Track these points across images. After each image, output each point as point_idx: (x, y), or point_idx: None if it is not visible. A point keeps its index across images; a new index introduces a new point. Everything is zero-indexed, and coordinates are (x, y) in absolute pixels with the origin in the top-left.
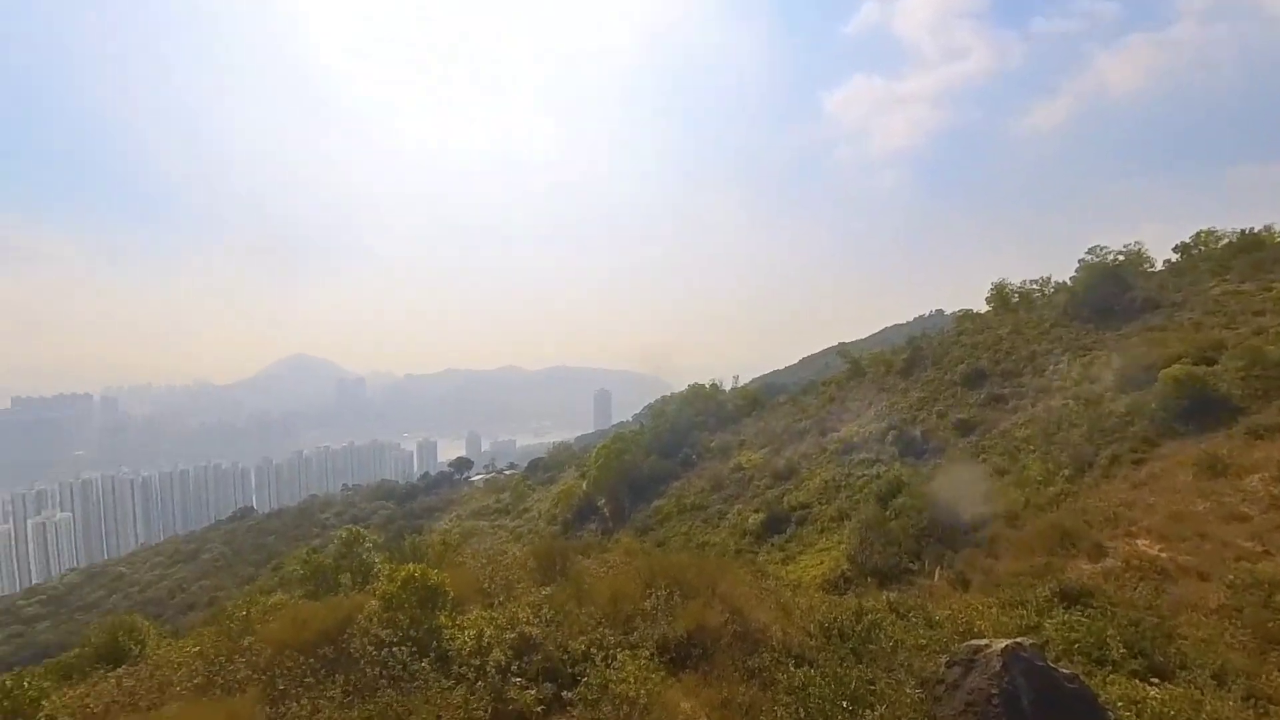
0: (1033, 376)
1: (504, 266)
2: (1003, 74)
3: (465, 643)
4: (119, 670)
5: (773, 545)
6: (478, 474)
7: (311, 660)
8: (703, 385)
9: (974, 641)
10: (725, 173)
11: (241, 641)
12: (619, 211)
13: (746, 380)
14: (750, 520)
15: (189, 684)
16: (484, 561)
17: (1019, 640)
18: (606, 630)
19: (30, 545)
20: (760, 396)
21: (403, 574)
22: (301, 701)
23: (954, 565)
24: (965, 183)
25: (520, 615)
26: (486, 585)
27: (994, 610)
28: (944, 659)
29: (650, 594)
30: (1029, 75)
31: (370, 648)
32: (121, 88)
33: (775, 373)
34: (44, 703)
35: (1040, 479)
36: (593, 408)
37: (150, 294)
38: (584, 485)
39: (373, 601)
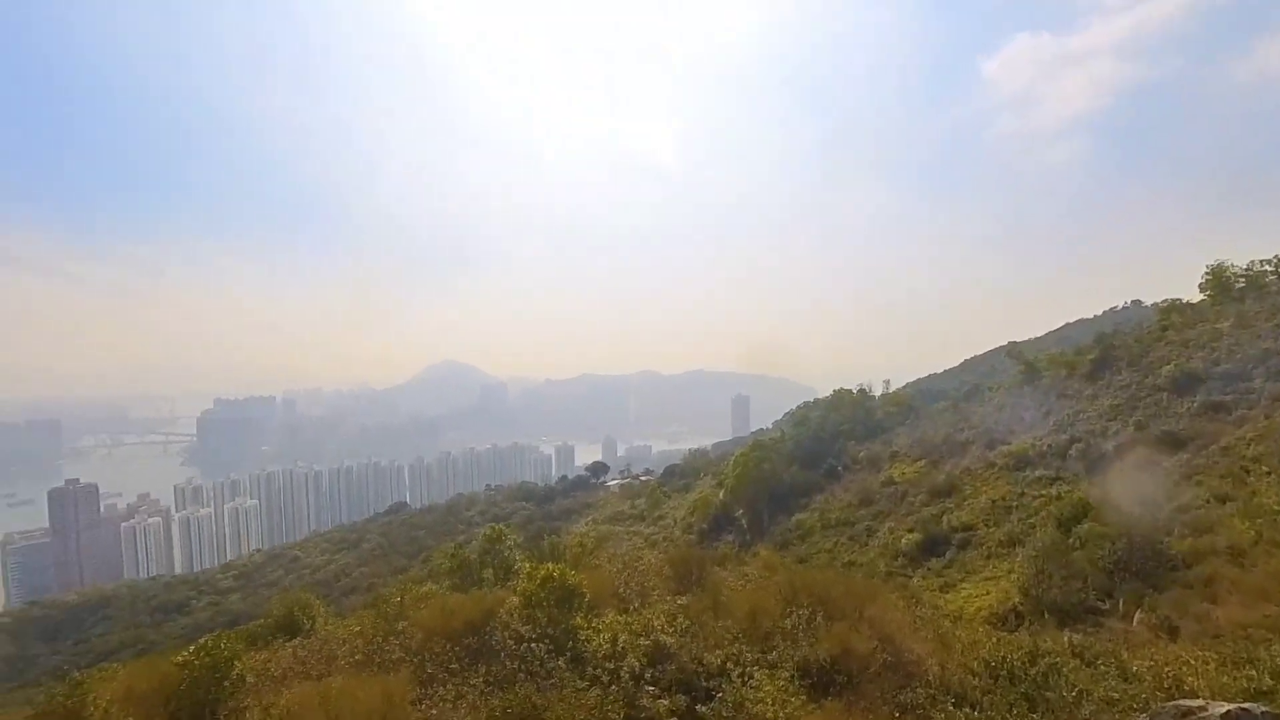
0: (1265, 380)
1: (640, 270)
2: (1209, 8)
3: (600, 645)
4: (294, 641)
5: (929, 570)
6: (613, 479)
7: (456, 649)
8: (849, 391)
9: (1183, 702)
10: (865, 159)
11: (396, 625)
12: (752, 210)
13: (899, 385)
14: (904, 540)
15: (351, 659)
16: (619, 566)
17: (1245, 706)
18: (744, 646)
19: (226, 527)
20: (915, 403)
21: (542, 573)
22: (447, 686)
23: (1157, 608)
24: (1164, 149)
25: (655, 623)
26: (622, 590)
27: (1211, 667)
28: (1142, 718)
29: (791, 612)
30: (1245, 5)
31: (510, 642)
32: (283, 107)
33: (932, 377)
34: (236, 663)
35: (1276, 508)
36: (730, 413)
37: (319, 304)
38: (721, 494)
39: (513, 598)
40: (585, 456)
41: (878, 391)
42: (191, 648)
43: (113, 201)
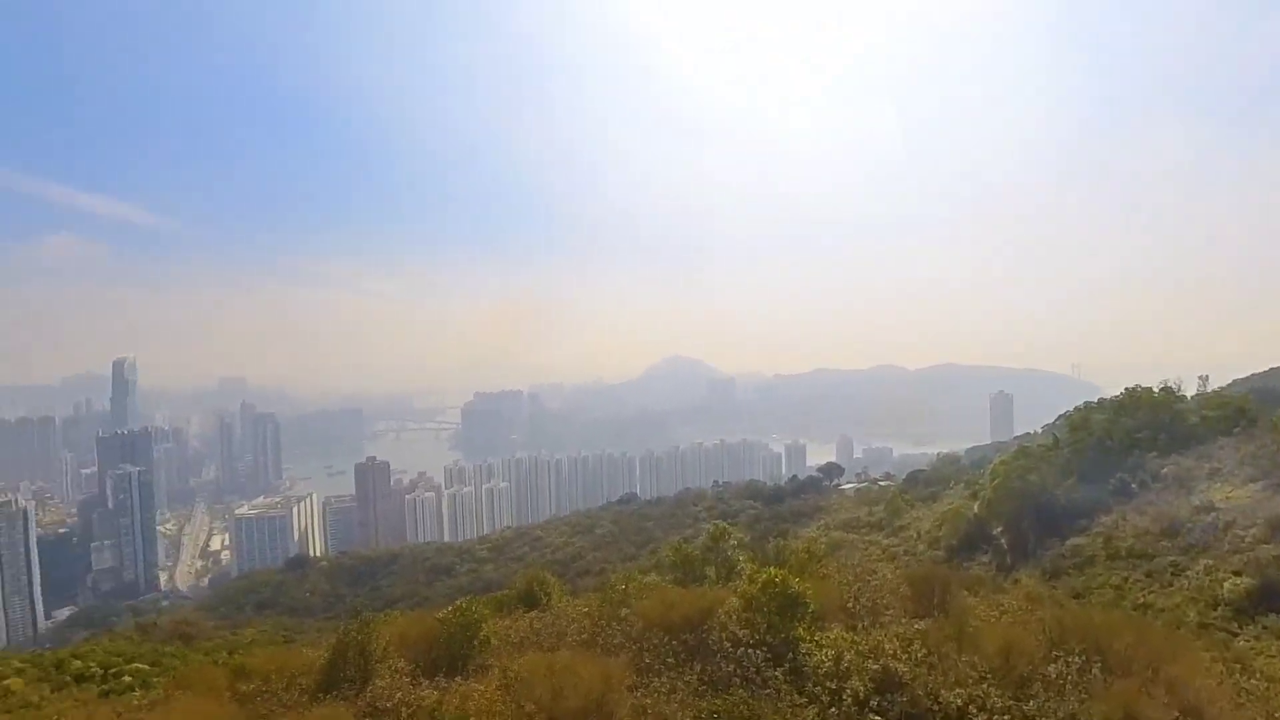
0: None
1: (875, 258)
2: None
3: (822, 661)
4: (532, 613)
5: (1265, 628)
6: (848, 482)
7: (674, 642)
8: (1148, 390)
9: None
10: (1163, 92)
11: (619, 611)
12: (1017, 177)
13: (1222, 383)
14: (1227, 586)
15: (578, 637)
16: (851, 578)
17: None
18: (992, 689)
19: (483, 504)
20: (1248, 407)
21: (764, 577)
22: (663, 678)
23: None
24: None
25: (886, 646)
26: (851, 605)
27: None
28: None
29: (1058, 657)
30: None
31: (727, 644)
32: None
33: (1272, 372)
34: (483, 626)
35: None
36: (989, 414)
37: (557, 303)
38: (975, 508)
39: (733, 599)
40: (817, 456)
41: (1190, 390)
42: (450, 608)
43: (396, 226)
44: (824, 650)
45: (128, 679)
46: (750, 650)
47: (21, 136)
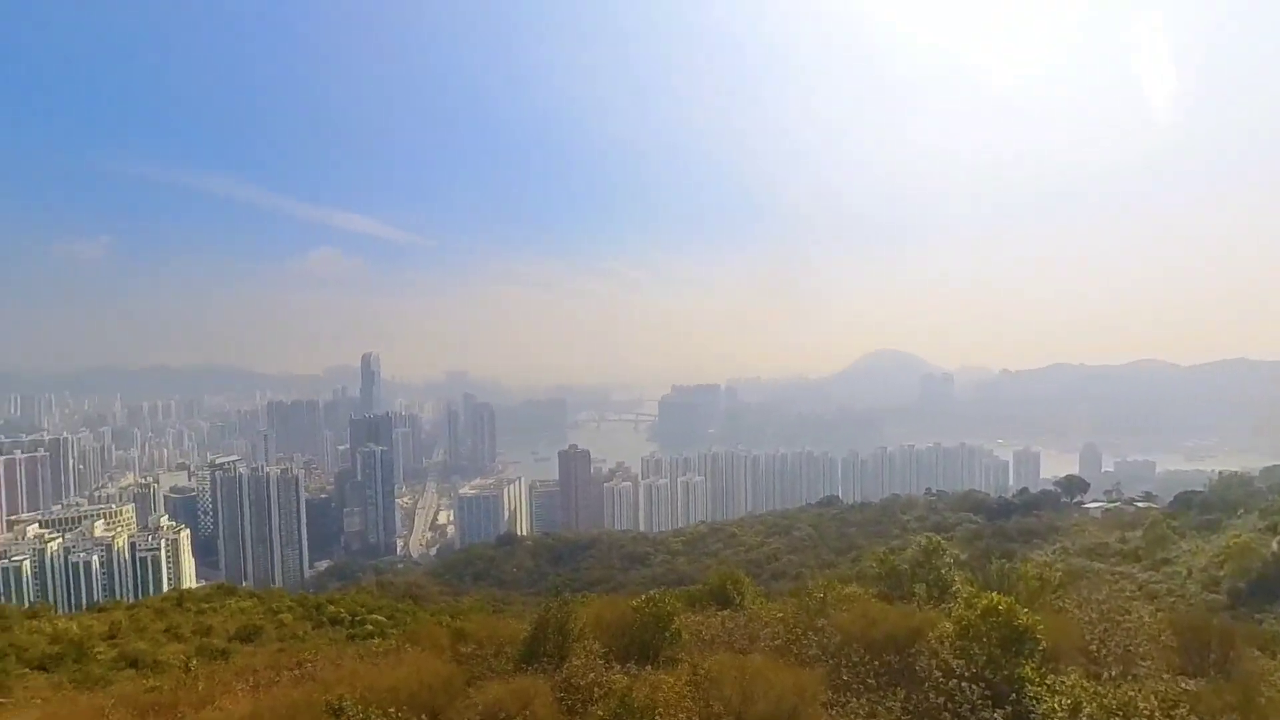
0: None
1: (1135, 233)
2: None
3: (1055, 711)
4: (724, 612)
5: None
6: (1094, 500)
7: (875, 662)
8: None
9: None
10: None
11: (816, 621)
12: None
13: None
14: None
15: (771, 642)
16: (1094, 615)
17: None
18: None
19: (678, 497)
20: None
21: (985, 603)
22: (862, 699)
23: None
24: None
25: (1141, 704)
26: (1095, 648)
27: None
28: None
29: None
30: None
31: (937, 673)
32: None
33: None
34: (675, 619)
35: None
36: None
37: (756, 295)
38: (1275, 544)
39: (946, 623)
40: (1054, 467)
41: None
42: (644, 597)
43: (601, 228)
44: (1057, 698)
45: (369, 627)
46: (965, 684)
47: (292, 164)
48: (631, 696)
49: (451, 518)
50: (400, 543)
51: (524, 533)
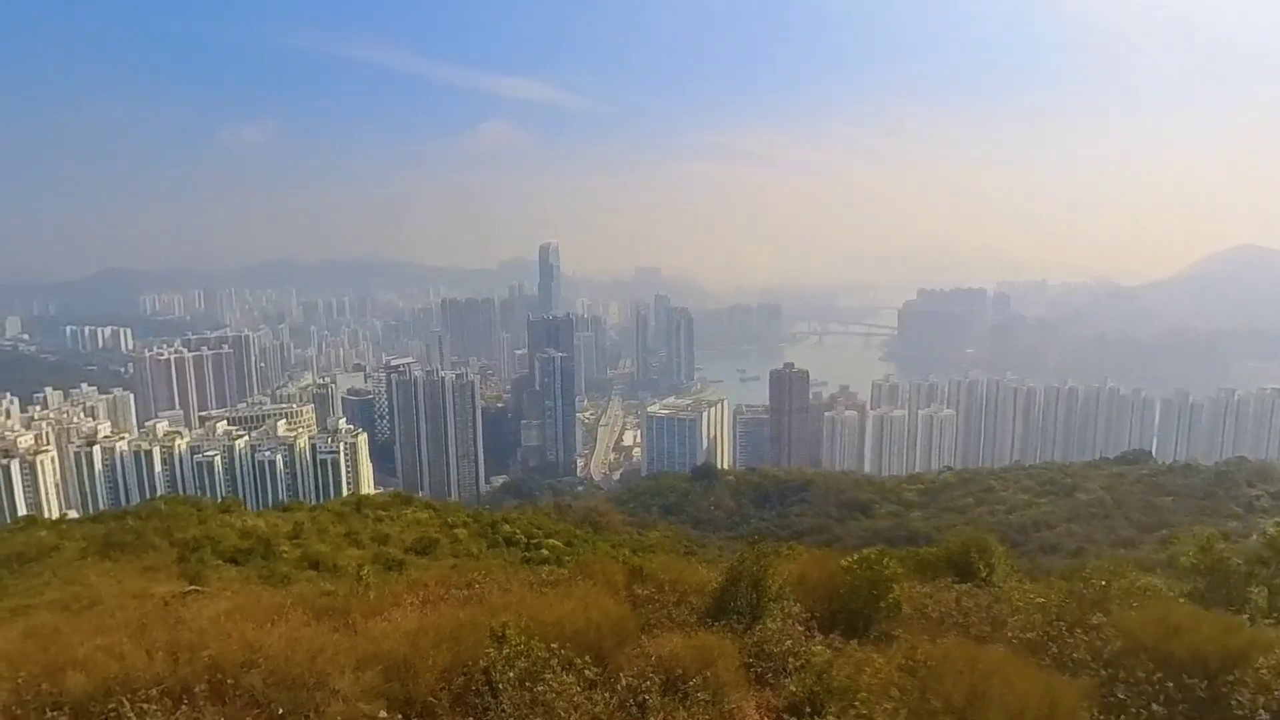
0: None
1: None
2: None
3: None
4: (963, 586)
5: None
6: None
7: (1171, 684)
8: None
9: None
10: None
11: (1089, 615)
12: None
13: None
14: None
15: (1021, 634)
16: None
17: None
18: None
19: (918, 434)
20: None
21: None
22: None
23: None
24: None
25: None
26: None
27: None
28: None
29: None
30: None
31: (1264, 715)
32: None
33: None
34: (895, 586)
35: None
36: None
37: (1042, 177)
38: None
39: None
40: None
41: None
42: (858, 555)
43: (820, 81)
44: None
45: (544, 552)
46: None
47: (460, 26)
48: (831, 674)
49: (638, 439)
50: (580, 462)
51: (724, 465)
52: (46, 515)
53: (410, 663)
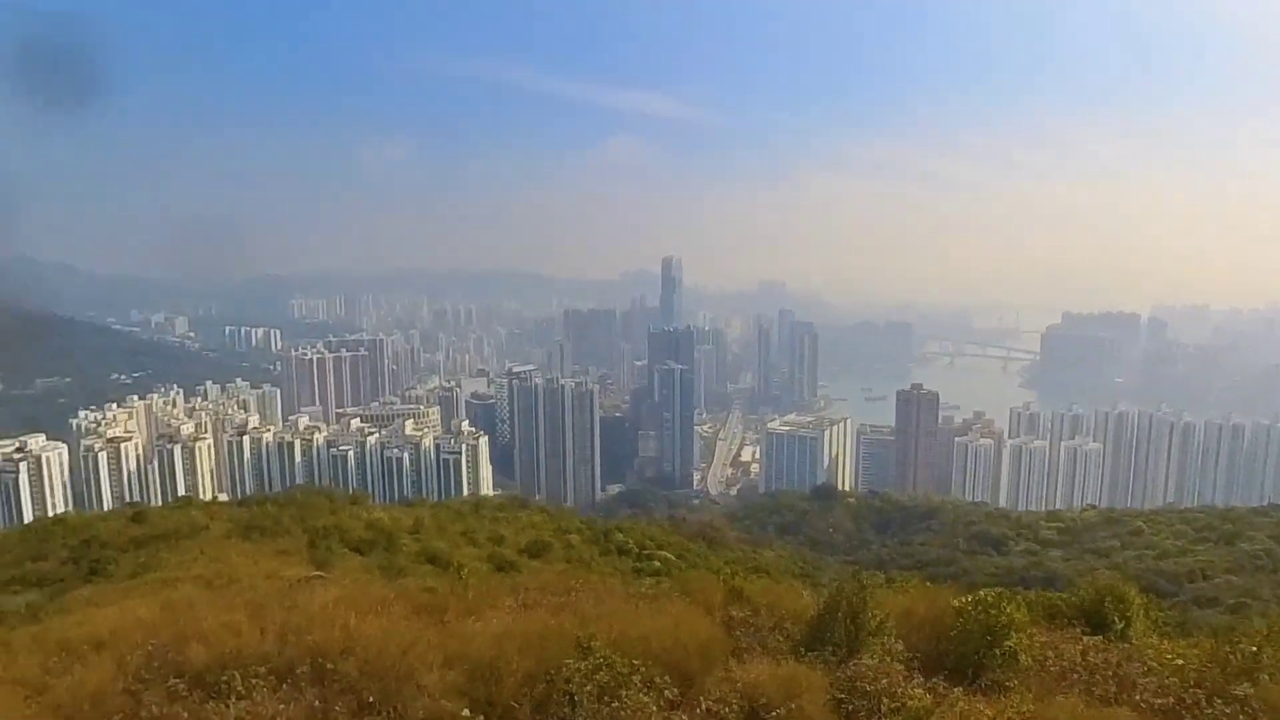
0: None
1: None
2: None
3: None
4: (1094, 638)
5: None
6: None
7: None
8: None
9: None
10: None
11: (1237, 684)
12: None
13: None
14: None
15: (1153, 699)
16: None
17: None
18: None
19: (1060, 467)
20: None
21: None
22: None
23: None
24: None
25: None
26: None
27: None
28: None
29: None
30: None
31: None
32: None
33: None
34: (1014, 633)
35: None
36: None
37: (1206, 187)
38: None
39: None
40: None
41: None
42: (975, 595)
43: (955, 90)
44: None
45: (656, 563)
46: None
47: (588, 44)
48: None
49: (757, 455)
50: (697, 476)
51: (845, 486)
52: (201, 496)
53: (495, 665)
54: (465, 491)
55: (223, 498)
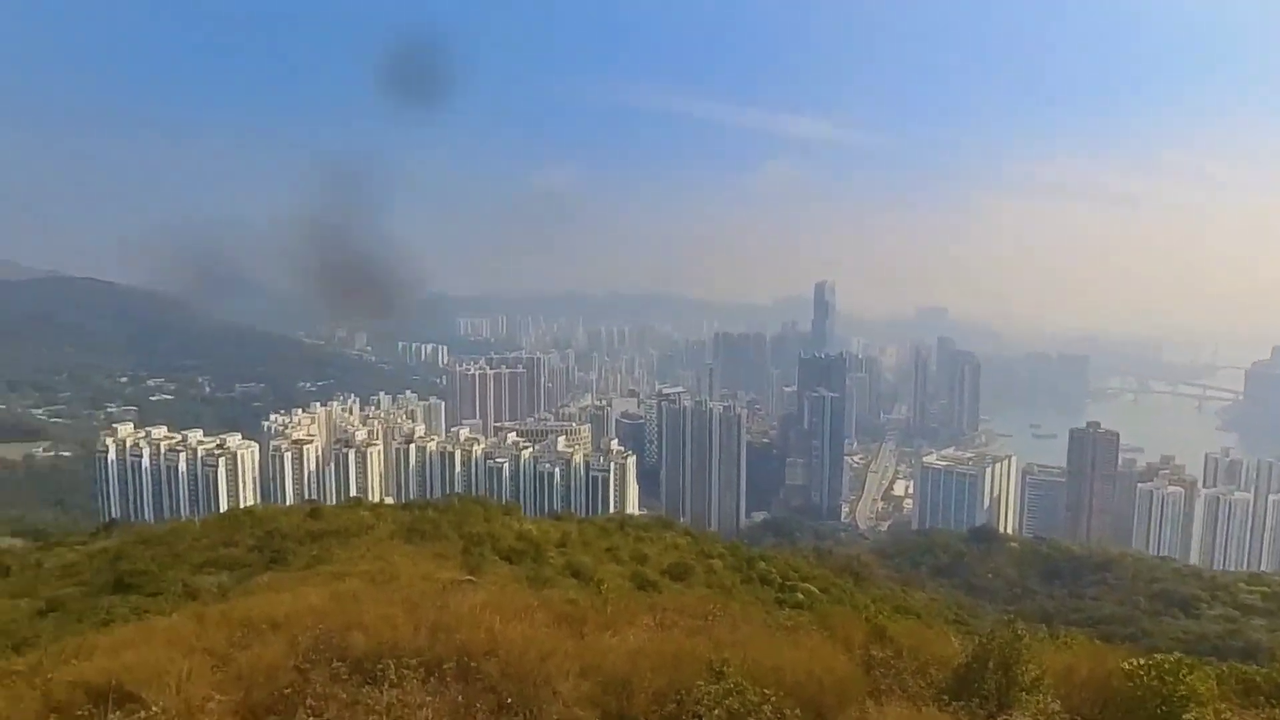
0: None
1: None
2: None
3: None
4: None
5: None
6: None
7: None
8: None
9: None
10: None
11: None
12: None
13: None
14: None
15: None
16: None
17: None
18: None
19: (1267, 522)
20: None
21: None
22: None
23: None
24: None
25: None
26: None
27: None
28: None
29: None
30: None
31: None
32: None
33: None
34: (1194, 706)
35: None
36: None
37: None
38: None
39: None
40: None
41: None
42: (1147, 660)
43: (1145, 101)
44: None
45: (799, 595)
46: None
47: (748, 69)
48: None
49: (910, 490)
50: (846, 508)
51: (1007, 529)
52: (369, 498)
53: (628, 680)
54: (612, 509)
55: (389, 500)
